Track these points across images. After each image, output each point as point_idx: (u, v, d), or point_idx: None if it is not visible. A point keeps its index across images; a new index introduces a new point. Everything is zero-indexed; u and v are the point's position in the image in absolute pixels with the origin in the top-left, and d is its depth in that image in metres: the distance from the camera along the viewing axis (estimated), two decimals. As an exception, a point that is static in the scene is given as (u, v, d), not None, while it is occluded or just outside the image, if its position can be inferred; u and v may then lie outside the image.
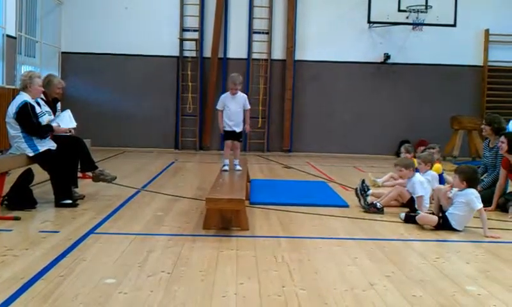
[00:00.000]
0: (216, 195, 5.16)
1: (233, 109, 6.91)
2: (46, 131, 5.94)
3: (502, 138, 6.41)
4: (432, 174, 6.75)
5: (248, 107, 7.00)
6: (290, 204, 6.37)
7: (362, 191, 6.38)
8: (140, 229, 5.08)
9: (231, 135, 6.97)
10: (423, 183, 6.19)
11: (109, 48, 13.30)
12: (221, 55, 13.55)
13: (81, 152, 6.43)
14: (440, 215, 5.42)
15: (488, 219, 5.50)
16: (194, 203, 6.38)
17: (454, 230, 5.32)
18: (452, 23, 12.63)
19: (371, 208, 6.12)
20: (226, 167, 6.84)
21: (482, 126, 7.25)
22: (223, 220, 5.06)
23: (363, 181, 6.54)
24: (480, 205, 5.28)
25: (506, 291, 3.63)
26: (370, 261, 4.23)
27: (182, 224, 5.31)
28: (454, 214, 5.34)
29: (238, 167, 6.90)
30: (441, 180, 7.19)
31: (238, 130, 6.97)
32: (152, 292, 3.37)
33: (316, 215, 5.91)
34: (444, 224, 5.34)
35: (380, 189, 7.39)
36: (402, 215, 5.74)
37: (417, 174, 6.33)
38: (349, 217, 5.89)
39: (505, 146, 6.32)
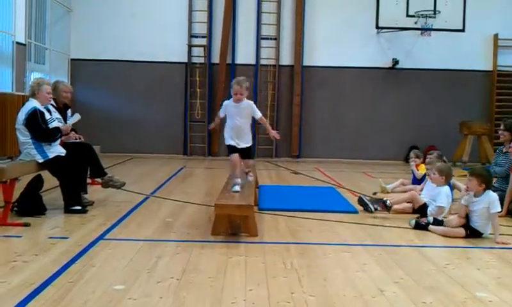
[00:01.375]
0: (224, 201, 5.16)
1: (238, 121, 5.73)
2: (55, 134, 5.98)
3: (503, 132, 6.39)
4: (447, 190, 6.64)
5: (259, 115, 5.88)
6: (299, 210, 6.36)
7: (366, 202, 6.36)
8: (149, 235, 5.08)
9: (237, 151, 5.73)
10: (449, 197, 6.08)
11: (118, 54, 13.37)
12: (229, 61, 13.58)
13: (90, 158, 6.45)
14: (465, 225, 5.34)
15: (499, 224, 5.45)
16: (203, 209, 6.39)
17: (478, 237, 5.28)
18: (461, 28, 12.58)
19: (380, 203, 6.08)
20: (237, 188, 5.52)
21: (500, 132, 7.17)
22: (232, 226, 5.06)
23: (361, 201, 6.47)
24: (499, 208, 5.24)
25: (517, 298, 3.60)
26: (380, 268, 4.21)
27: (190, 230, 5.31)
28: (479, 224, 5.28)
29: (250, 178, 6.15)
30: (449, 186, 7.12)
31: (245, 145, 5.79)
32: (161, 298, 3.37)
33: (325, 221, 5.89)
34: (472, 235, 5.29)
35: (390, 195, 7.36)
36: (412, 221, 5.69)
37: (447, 187, 6.18)
38: (357, 223, 5.86)
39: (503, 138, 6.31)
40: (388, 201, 6.13)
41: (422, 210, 6.12)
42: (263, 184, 8.37)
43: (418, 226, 5.60)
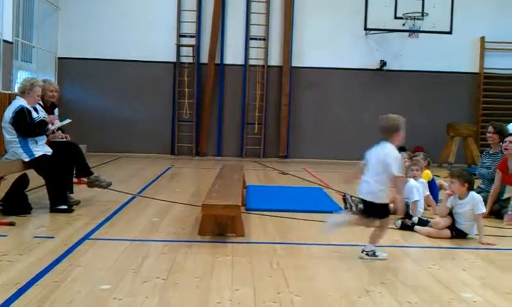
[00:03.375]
0: (211, 201, 5.16)
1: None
2: (43, 126, 5.94)
3: (510, 138, 6.41)
4: (422, 181, 6.74)
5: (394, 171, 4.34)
6: (286, 210, 6.37)
7: (350, 202, 6.40)
8: (135, 235, 5.06)
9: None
10: (418, 189, 6.19)
11: (106, 53, 13.30)
12: (217, 61, 13.56)
13: (77, 157, 6.42)
14: (450, 226, 5.38)
15: (483, 225, 5.50)
16: (190, 209, 6.37)
17: (464, 238, 5.32)
18: (448, 30, 12.69)
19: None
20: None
21: (490, 134, 7.17)
22: (219, 226, 5.05)
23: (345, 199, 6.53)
24: (484, 209, 5.28)
25: (502, 299, 3.63)
26: (366, 268, 4.23)
27: (177, 230, 5.30)
28: (465, 225, 5.32)
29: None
30: (434, 186, 7.19)
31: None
32: (146, 298, 3.36)
33: (312, 221, 5.90)
34: (457, 236, 5.33)
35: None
36: (398, 222, 5.73)
37: (412, 179, 6.32)
38: (344, 224, 5.87)
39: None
40: None
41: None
42: (250, 184, 8.37)
43: (404, 227, 5.64)
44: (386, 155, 4.39)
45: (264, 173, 10.87)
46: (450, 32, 12.71)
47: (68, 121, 6.63)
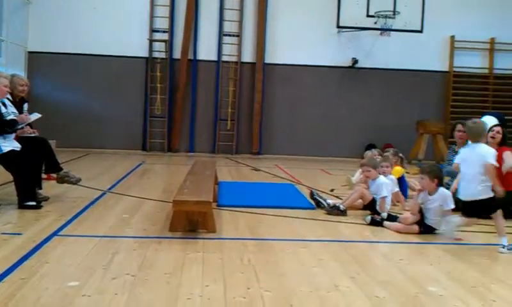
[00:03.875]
0: (182, 197, 5.14)
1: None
2: (13, 124, 5.85)
3: (499, 129, 6.58)
4: (391, 177, 6.84)
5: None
6: (258, 206, 6.38)
7: (317, 198, 6.49)
8: (105, 231, 5.01)
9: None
10: (387, 185, 6.28)
11: (77, 48, 13.12)
12: (190, 56, 13.50)
13: (46, 153, 6.32)
14: (419, 222, 5.47)
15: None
16: (161, 205, 6.33)
17: (432, 233, 5.41)
18: (419, 29, 12.86)
19: (334, 211, 6.17)
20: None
21: (460, 132, 7.25)
22: (190, 222, 5.04)
23: (312, 194, 6.63)
24: (452, 206, 5.38)
25: (467, 292, 3.71)
26: (335, 263, 4.28)
27: (147, 226, 5.27)
28: (434, 221, 5.42)
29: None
30: (403, 183, 7.30)
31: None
32: (116, 295, 3.34)
33: (283, 217, 5.94)
34: (425, 231, 5.42)
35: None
36: (368, 218, 5.80)
37: (381, 176, 6.42)
38: (315, 219, 5.93)
39: (499, 136, 6.52)
40: (341, 206, 6.23)
41: (371, 205, 6.25)
42: (223, 180, 8.37)
43: (374, 223, 5.72)
44: (487, 153, 4.96)
45: (236, 169, 10.88)
46: (421, 31, 12.89)
47: (37, 115, 6.51)
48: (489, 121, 10.69)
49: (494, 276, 4.13)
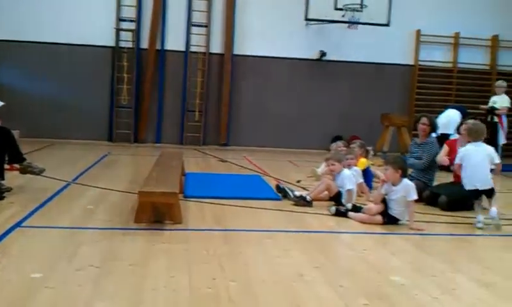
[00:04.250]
0: (148, 188, 5.11)
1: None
2: None
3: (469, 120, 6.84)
4: (356, 169, 6.94)
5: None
6: (224, 197, 6.39)
7: (284, 189, 6.57)
8: (69, 222, 4.95)
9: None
10: (351, 178, 6.36)
11: (41, 36, 12.80)
12: (158, 47, 13.36)
13: (8, 143, 6.18)
14: (382, 212, 5.56)
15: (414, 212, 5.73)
16: (127, 196, 6.27)
17: (396, 223, 5.51)
18: (386, 23, 13.01)
19: (300, 201, 6.24)
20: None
21: (424, 126, 7.33)
22: (156, 213, 5.01)
23: (279, 187, 6.73)
24: (415, 196, 5.48)
25: (428, 281, 3.80)
26: (300, 253, 4.33)
27: (113, 217, 5.22)
28: (398, 212, 5.51)
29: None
30: (369, 174, 7.42)
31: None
32: (79, 286, 3.31)
33: (249, 208, 5.97)
34: (389, 222, 5.51)
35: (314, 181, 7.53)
36: (333, 209, 5.88)
37: (346, 170, 6.50)
38: (281, 210, 5.97)
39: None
40: (308, 197, 6.29)
41: (336, 197, 6.33)
42: (190, 172, 8.34)
43: (338, 213, 5.79)
44: (493, 153, 5.86)
45: (203, 160, 10.85)
46: (387, 25, 13.04)
47: (0, 103, 6.36)
48: (452, 114, 11.01)
49: (454, 265, 4.24)
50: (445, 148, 7.25)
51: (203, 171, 9.05)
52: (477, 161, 5.76)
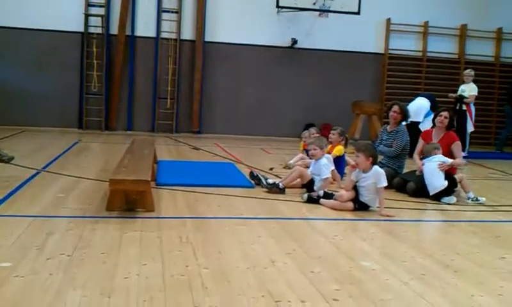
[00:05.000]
0: (120, 176, 5.07)
1: None
2: None
3: (446, 114, 7.02)
4: (328, 156, 6.98)
5: None
6: (197, 185, 6.38)
7: (258, 176, 6.61)
8: (39, 211, 4.89)
9: None
10: (329, 167, 6.40)
11: (8, 21, 12.50)
12: (128, 32, 13.19)
13: (-25, 130, 6.07)
14: (354, 199, 5.64)
15: (384, 198, 5.81)
16: (98, 184, 6.21)
17: (367, 210, 5.59)
18: (356, 11, 13.09)
19: (273, 189, 6.27)
20: None
21: (395, 113, 7.41)
22: (128, 201, 4.98)
23: (253, 174, 6.78)
24: (385, 183, 5.56)
25: (398, 266, 3.88)
26: (273, 240, 4.36)
27: (84, 206, 5.16)
28: (368, 198, 5.59)
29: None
30: (343, 162, 7.48)
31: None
32: (50, 275, 3.28)
33: (222, 195, 5.97)
34: (360, 208, 5.59)
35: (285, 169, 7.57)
36: (305, 196, 5.93)
37: (325, 157, 6.52)
38: (254, 198, 6.00)
39: (446, 121, 6.96)
40: (280, 184, 6.33)
41: (309, 185, 6.38)
42: (162, 159, 8.30)
43: (310, 200, 5.84)
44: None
45: (175, 148, 10.80)
46: (358, 13, 13.13)
47: None
48: (422, 102, 11.16)
49: (423, 251, 4.32)
50: (421, 141, 7.31)
51: (176, 159, 9.01)
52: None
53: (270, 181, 6.46)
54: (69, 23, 12.81)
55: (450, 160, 6.62)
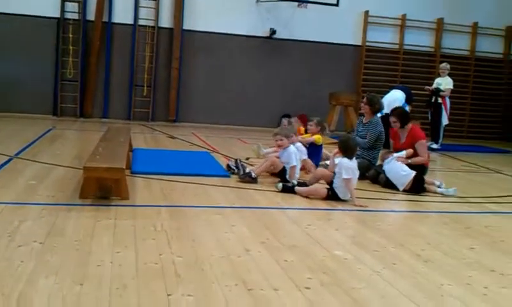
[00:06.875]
0: (94, 163, 5.03)
1: None
2: None
3: (394, 118, 7.07)
4: (299, 146, 7.03)
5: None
6: (173, 173, 6.37)
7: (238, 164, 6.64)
8: (11, 198, 4.82)
9: None
10: (297, 155, 6.47)
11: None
12: (105, 19, 13.03)
13: None
14: (328, 187, 5.74)
15: (358, 189, 5.89)
16: (72, 172, 6.15)
17: (340, 200, 5.65)
18: (335, 3, 13.14)
19: (246, 177, 6.29)
20: None
21: (362, 105, 7.62)
22: (102, 189, 4.94)
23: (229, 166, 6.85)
24: (346, 176, 5.61)
25: (369, 256, 3.93)
26: (247, 229, 4.38)
27: (57, 193, 5.12)
28: (337, 186, 5.66)
29: None
30: (320, 151, 7.54)
31: None
32: (22, 262, 3.25)
33: (198, 184, 5.97)
34: (332, 196, 5.66)
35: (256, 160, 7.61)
36: (280, 185, 5.97)
37: (292, 146, 6.57)
38: (229, 187, 6.02)
39: (397, 125, 7.04)
40: (253, 173, 6.35)
41: (281, 173, 6.41)
42: (137, 147, 8.25)
43: (285, 189, 5.89)
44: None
45: (151, 136, 10.74)
46: (336, 5, 13.18)
47: None
48: (397, 94, 11.28)
49: (395, 241, 4.39)
50: (391, 141, 7.41)
51: (151, 147, 8.97)
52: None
53: (247, 170, 6.48)
54: (45, 8, 12.61)
55: (404, 152, 6.74)
